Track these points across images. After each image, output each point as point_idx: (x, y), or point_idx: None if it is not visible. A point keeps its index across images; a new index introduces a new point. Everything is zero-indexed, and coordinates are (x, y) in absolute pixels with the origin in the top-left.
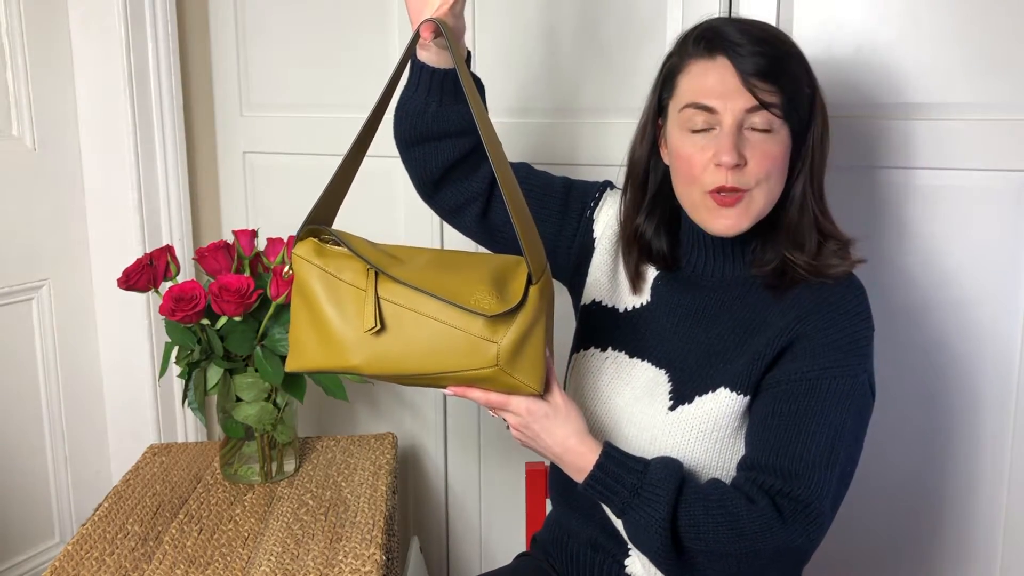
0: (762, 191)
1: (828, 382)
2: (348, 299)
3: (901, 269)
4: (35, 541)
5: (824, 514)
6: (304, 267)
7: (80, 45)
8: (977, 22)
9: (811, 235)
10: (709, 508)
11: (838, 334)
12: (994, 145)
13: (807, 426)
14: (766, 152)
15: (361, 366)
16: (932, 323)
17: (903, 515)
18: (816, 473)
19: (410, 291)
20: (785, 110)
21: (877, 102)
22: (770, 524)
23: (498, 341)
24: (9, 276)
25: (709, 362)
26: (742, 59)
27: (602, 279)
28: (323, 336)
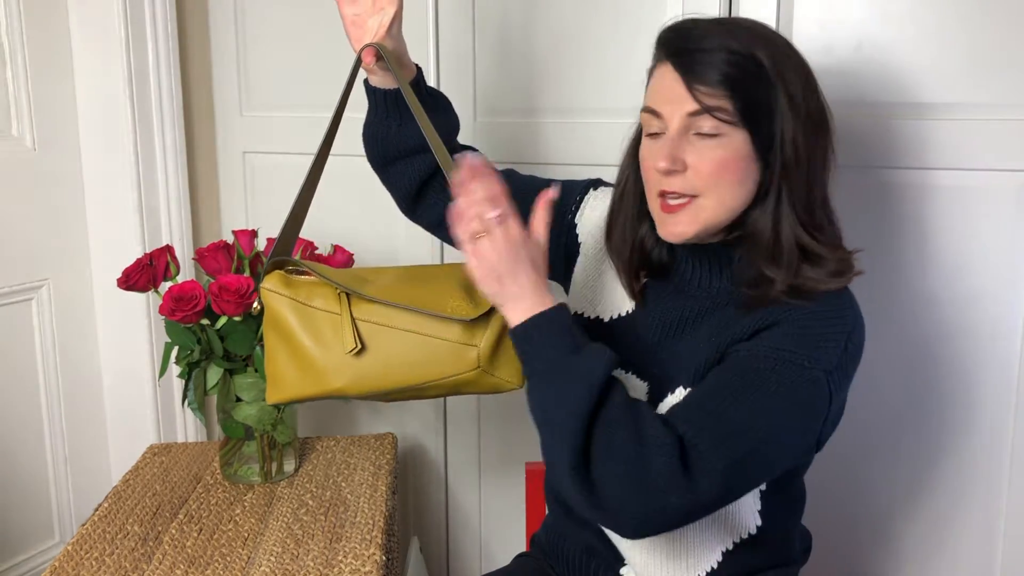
0: (711, 198)
1: (777, 362)
2: (323, 325)
3: (901, 268)
4: (35, 541)
5: (718, 474)
6: (274, 299)
7: (80, 45)
8: (977, 22)
9: (791, 252)
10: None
11: (804, 329)
12: (994, 145)
13: (736, 393)
14: (712, 158)
15: (345, 388)
16: (932, 322)
17: (902, 515)
18: (723, 434)
19: (384, 308)
20: (736, 114)
21: (877, 102)
22: (669, 453)
23: (477, 344)
24: (9, 276)
25: (682, 368)
26: (684, 63)
27: (584, 290)
28: (303, 364)
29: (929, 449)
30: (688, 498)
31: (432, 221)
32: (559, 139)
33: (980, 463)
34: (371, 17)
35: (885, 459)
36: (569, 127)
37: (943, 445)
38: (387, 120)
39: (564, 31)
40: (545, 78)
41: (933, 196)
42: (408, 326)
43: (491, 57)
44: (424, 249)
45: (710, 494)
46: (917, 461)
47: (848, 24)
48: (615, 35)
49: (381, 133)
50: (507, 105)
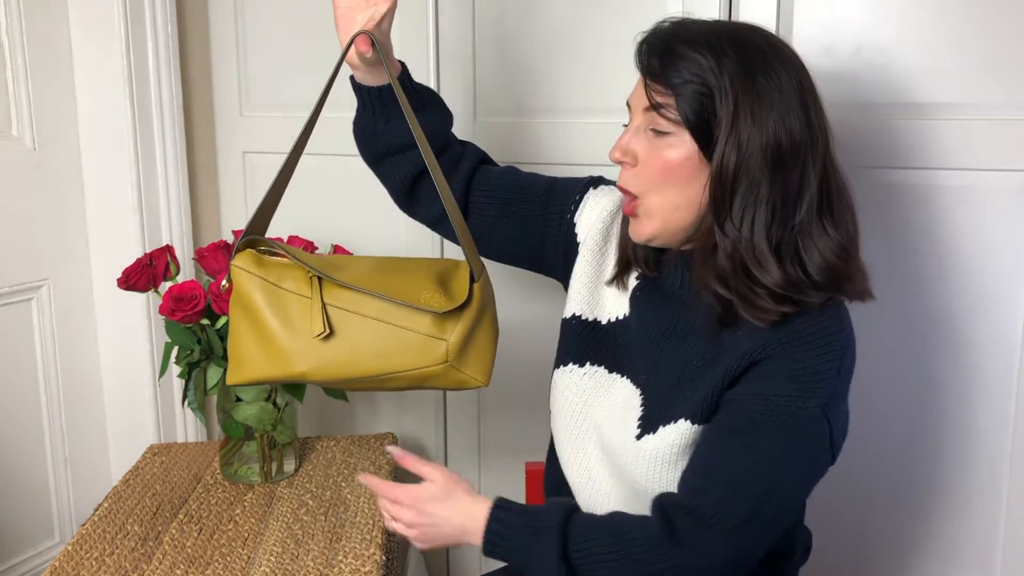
0: (657, 199)
1: (771, 409)
2: (292, 307)
3: (900, 268)
4: (35, 541)
5: (724, 539)
6: (244, 278)
7: (80, 45)
8: (977, 22)
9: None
10: (600, 535)
11: (797, 365)
12: (994, 145)
13: (736, 449)
14: (660, 156)
15: (308, 373)
16: (932, 322)
17: (902, 515)
18: (726, 492)
19: (356, 295)
20: (681, 114)
21: (877, 102)
22: (658, 545)
23: (447, 338)
24: (9, 276)
25: (678, 386)
26: (645, 57)
27: (583, 291)
28: (267, 346)
29: (930, 449)
30: (694, 560)
31: (428, 218)
32: (558, 139)
33: (981, 463)
34: (362, 11)
35: (885, 459)
36: (568, 127)
37: (943, 445)
38: (374, 117)
39: (564, 31)
40: (545, 78)
41: (933, 196)
42: (378, 315)
43: (491, 57)
44: (425, 249)
45: (720, 555)
46: (918, 461)
47: (848, 25)
48: (615, 35)
49: (371, 129)
50: (507, 105)
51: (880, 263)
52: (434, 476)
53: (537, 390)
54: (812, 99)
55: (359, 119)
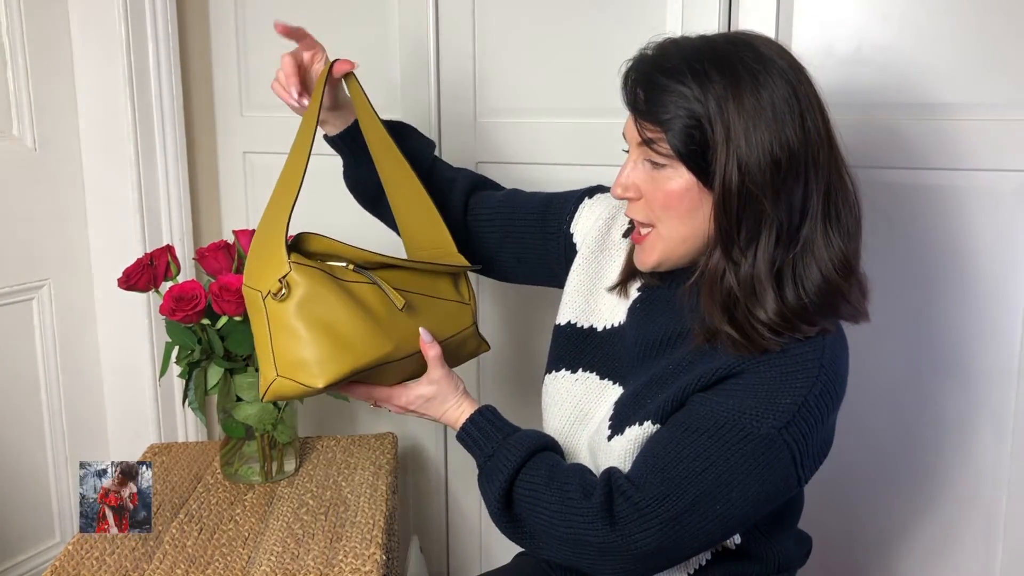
0: (666, 228)
1: (726, 420)
2: (359, 293)
3: (900, 269)
4: (35, 541)
5: (653, 527)
6: (309, 274)
7: (80, 45)
8: (977, 22)
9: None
10: (549, 487)
11: (762, 382)
12: (994, 145)
13: (683, 447)
14: (661, 188)
15: (394, 351)
16: (931, 322)
17: (903, 514)
18: (664, 488)
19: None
20: (673, 150)
21: (877, 102)
22: (593, 520)
23: (469, 303)
24: (9, 276)
25: (648, 389)
26: (634, 93)
27: (578, 297)
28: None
29: (929, 451)
30: (619, 544)
31: None
32: (559, 139)
33: (981, 463)
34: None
35: (885, 462)
36: (569, 127)
37: (943, 446)
38: (356, 162)
39: (564, 31)
40: (545, 78)
41: (933, 196)
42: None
43: (491, 58)
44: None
45: (645, 543)
46: (917, 463)
47: (848, 25)
48: (615, 35)
49: (356, 174)
50: (507, 105)
51: (879, 263)
52: (436, 375)
53: (536, 392)
54: (810, 107)
55: (346, 172)
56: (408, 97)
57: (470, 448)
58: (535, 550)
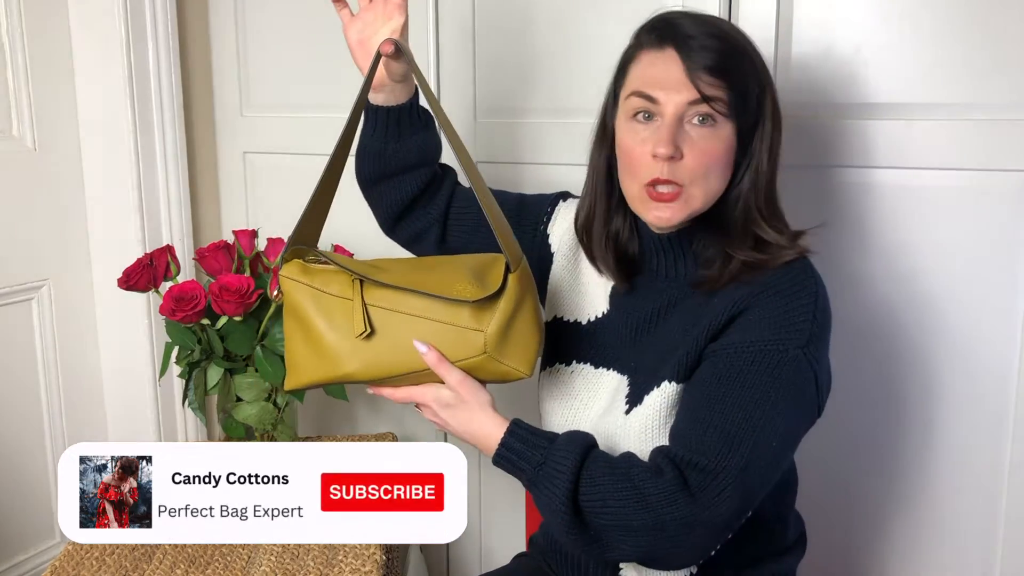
0: (699, 187)
1: (753, 355)
2: (337, 311)
3: (900, 269)
4: (35, 541)
5: (731, 485)
6: (292, 287)
7: (80, 45)
8: (977, 22)
9: (751, 234)
10: (615, 479)
11: (772, 311)
12: (994, 145)
13: (724, 397)
14: (705, 148)
15: (356, 373)
16: (932, 322)
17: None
18: (725, 443)
19: (395, 294)
20: (730, 107)
21: (877, 102)
22: (674, 495)
23: (484, 329)
24: (9, 276)
25: (661, 359)
26: (690, 51)
27: (561, 294)
28: (317, 350)
29: (930, 449)
30: (704, 515)
31: (407, 237)
32: (559, 139)
33: (980, 462)
34: (376, 34)
35: (886, 460)
36: (569, 127)
37: (943, 447)
38: (385, 137)
39: (564, 31)
40: (545, 78)
41: (933, 196)
42: (418, 311)
43: (491, 58)
44: None
45: (729, 505)
46: (917, 460)
47: (848, 25)
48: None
49: (378, 149)
50: (507, 105)
51: (879, 264)
52: (450, 382)
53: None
54: None
55: (366, 141)
56: None
57: (514, 464)
58: (603, 552)
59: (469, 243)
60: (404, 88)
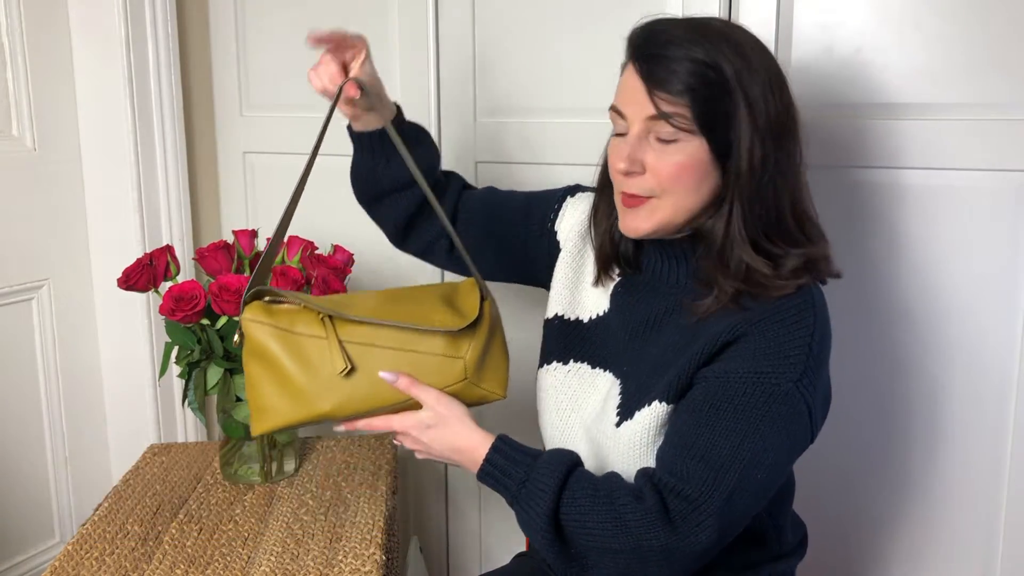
0: (668, 201)
1: (745, 386)
2: (308, 349)
3: (900, 270)
4: (35, 541)
5: (712, 516)
6: (257, 329)
7: (80, 45)
8: (977, 22)
9: (739, 260)
10: (596, 501)
11: (768, 342)
12: (994, 145)
13: (714, 426)
14: (670, 162)
15: (332, 411)
16: (932, 322)
17: (902, 515)
18: (710, 473)
19: (368, 329)
20: (696, 123)
21: (877, 102)
22: (653, 523)
23: (463, 356)
24: (9, 276)
25: (655, 372)
26: (645, 67)
27: (564, 292)
28: (289, 391)
29: (930, 449)
30: (682, 544)
31: (418, 249)
32: (559, 139)
33: (982, 462)
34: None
35: (886, 461)
36: (569, 127)
37: (944, 447)
38: (374, 159)
39: (565, 31)
40: (545, 78)
41: (933, 196)
42: (394, 344)
43: (491, 57)
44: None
45: (708, 535)
46: (917, 460)
47: (848, 25)
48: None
49: (369, 172)
50: (507, 105)
51: (879, 264)
52: (426, 397)
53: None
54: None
55: (358, 163)
56: (408, 97)
57: (497, 480)
58: (583, 571)
59: (481, 251)
60: (380, 113)
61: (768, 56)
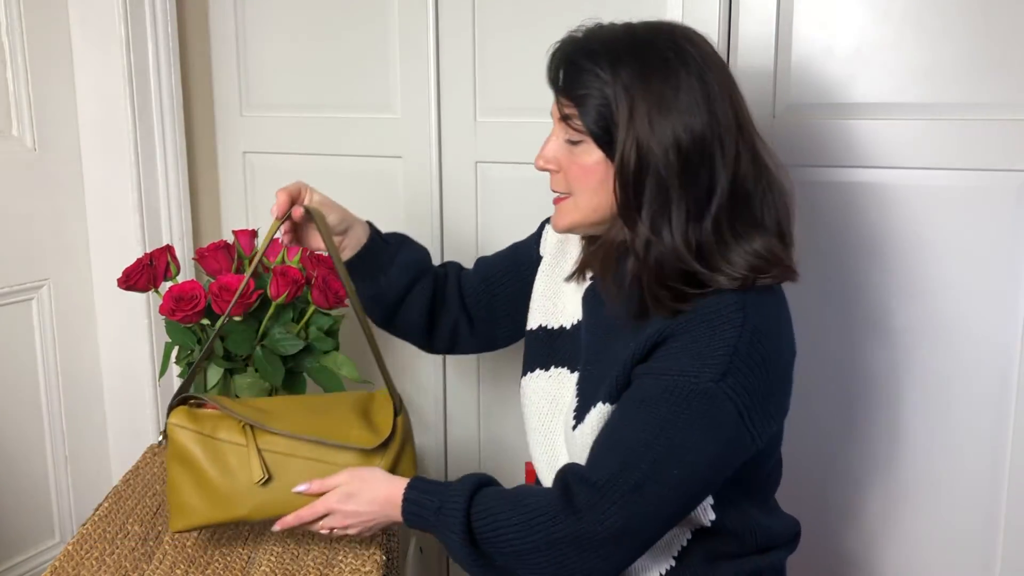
0: (580, 200)
1: (667, 383)
2: (228, 455)
3: (900, 269)
4: (35, 541)
5: (616, 503)
6: (181, 433)
7: (80, 45)
8: (977, 22)
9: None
10: (504, 505)
11: (693, 342)
12: (994, 145)
13: (632, 420)
14: (575, 162)
15: (249, 515)
16: (931, 323)
17: (901, 515)
18: (619, 463)
19: (287, 439)
20: (585, 126)
21: (877, 102)
22: (557, 512)
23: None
24: (9, 276)
25: (603, 376)
26: (557, 73)
27: (545, 302)
28: (208, 494)
29: (930, 449)
30: (588, 530)
31: (447, 337)
32: None
33: (981, 462)
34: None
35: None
36: None
37: (943, 447)
38: (373, 276)
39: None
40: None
41: (933, 196)
42: (311, 455)
43: (491, 57)
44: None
45: (613, 522)
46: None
47: (848, 25)
48: None
49: (375, 293)
50: (507, 105)
51: (879, 264)
52: (337, 480)
53: None
54: (719, 95)
55: (364, 290)
56: (408, 97)
57: (417, 515)
58: None
59: (496, 318)
60: (356, 232)
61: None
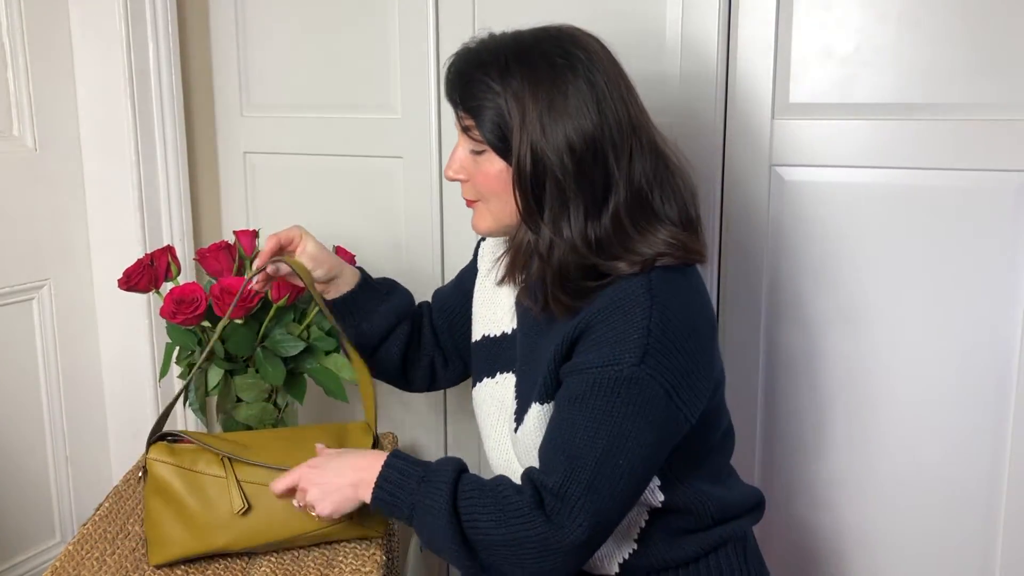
0: (491, 206)
1: (592, 377)
2: (208, 487)
3: (898, 269)
4: (35, 541)
5: (579, 509)
6: (160, 468)
7: (80, 45)
8: (977, 22)
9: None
10: (483, 494)
11: (607, 331)
12: (994, 145)
13: (572, 420)
14: (478, 171)
15: (228, 545)
16: (931, 323)
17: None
18: (568, 465)
19: (265, 470)
20: (483, 136)
21: (877, 102)
22: (529, 514)
23: None
24: (9, 276)
25: (536, 376)
26: (446, 84)
27: (484, 311)
28: (188, 525)
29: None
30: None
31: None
32: None
33: (980, 462)
34: None
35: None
36: None
37: (943, 446)
38: (358, 323)
39: None
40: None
41: (933, 196)
42: None
43: None
44: (425, 247)
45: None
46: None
47: (848, 25)
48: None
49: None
50: None
51: (878, 264)
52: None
53: None
54: (608, 96)
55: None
56: (408, 97)
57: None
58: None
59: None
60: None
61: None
